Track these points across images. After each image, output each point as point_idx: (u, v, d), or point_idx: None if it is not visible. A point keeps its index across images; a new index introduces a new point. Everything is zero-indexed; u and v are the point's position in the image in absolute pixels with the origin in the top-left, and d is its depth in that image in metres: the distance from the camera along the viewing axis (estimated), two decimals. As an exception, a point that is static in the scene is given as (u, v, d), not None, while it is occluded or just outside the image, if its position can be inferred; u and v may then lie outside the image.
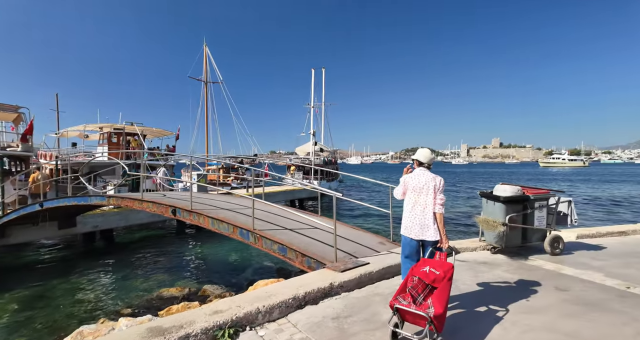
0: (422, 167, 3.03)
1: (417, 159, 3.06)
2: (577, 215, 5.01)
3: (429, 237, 2.86)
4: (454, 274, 3.69)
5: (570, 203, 4.96)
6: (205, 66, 27.02)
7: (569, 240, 5.66)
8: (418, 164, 3.06)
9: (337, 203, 4.17)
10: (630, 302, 3.11)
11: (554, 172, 72.48)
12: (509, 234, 4.63)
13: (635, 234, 6.22)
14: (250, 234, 4.43)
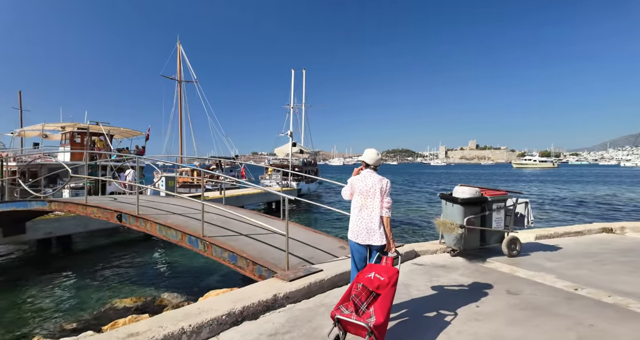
0: (369, 169, 2.88)
1: (363, 161, 2.91)
2: (534, 216, 5.06)
3: (375, 241, 2.72)
4: (407, 279, 3.58)
5: (527, 204, 5.00)
6: (179, 65, 26.17)
7: (528, 241, 5.73)
8: (365, 165, 2.91)
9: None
10: (576, 305, 3.09)
11: (527, 173, 75.63)
12: (467, 237, 4.59)
13: (591, 233, 6.40)
14: (199, 241, 4.15)
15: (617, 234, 6.47)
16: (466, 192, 4.71)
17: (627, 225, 6.70)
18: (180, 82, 26.61)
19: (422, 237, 11.87)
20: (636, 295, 3.30)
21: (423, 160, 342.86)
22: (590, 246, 5.37)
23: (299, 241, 4.73)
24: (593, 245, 5.45)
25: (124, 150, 20.49)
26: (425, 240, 8.94)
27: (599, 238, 6.04)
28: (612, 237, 6.10)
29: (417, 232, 12.95)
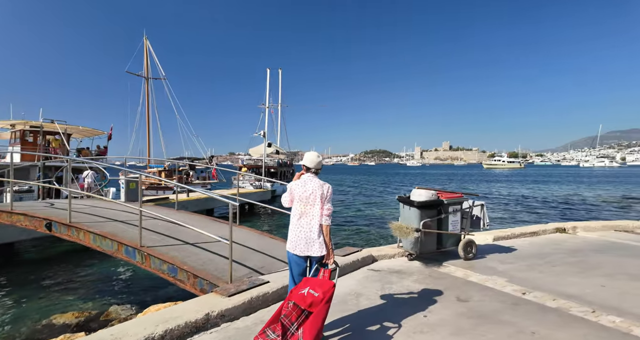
0: (309, 174, 2.67)
1: (304, 164, 2.70)
2: (489, 218, 5.09)
3: (314, 252, 2.51)
4: (359, 287, 3.41)
5: (483, 207, 5.02)
6: (146, 61, 24.98)
7: (486, 243, 5.79)
8: (305, 169, 2.70)
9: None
10: (521, 311, 3.05)
11: (496, 173, 79.04)
12: (423, 240, 4.52)
13: (546, 233, 6.59)
14: (136, 252, 3.79)
15: (569, 233, 6.70)
16: (423, 195, 4.64)
17: (579, 225, 6.97)
18: (147, 79, 25.46)
19: (388, 241, 11.92)
20: (578, 298, 3.32)
21: (400, 160, 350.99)
22: (543, 247, 5.48)
23: (252, 249, 4.47)
24: (546, 245, 5.58)
25: (84, 150, 19.25)
26: (390, 243, 8.93)
27: (552, 238, 6.21)
28: (564, 237, 6.30)
29: (384, 235, 13.01)
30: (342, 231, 13.15)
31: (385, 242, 9.95)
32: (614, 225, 7.11)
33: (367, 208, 20.30)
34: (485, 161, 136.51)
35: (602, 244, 5.71)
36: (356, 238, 11.97)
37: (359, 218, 16.73)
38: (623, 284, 3.77)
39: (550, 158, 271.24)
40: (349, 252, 4.49)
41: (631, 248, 5.45)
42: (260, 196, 20.08)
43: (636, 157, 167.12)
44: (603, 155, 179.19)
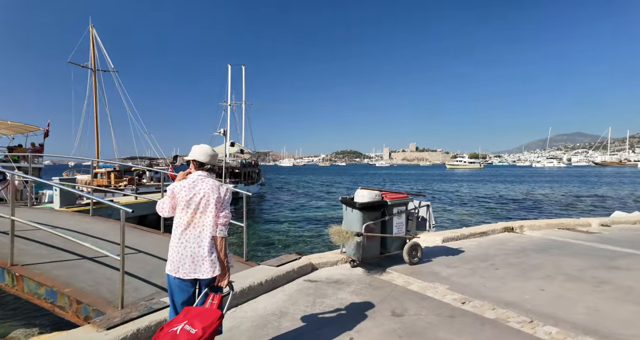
0: (201, 172, 2.12)
1: (193, 160, 2.13)
2: (435, 220, 4.87)
3: (204, 273, 1.98)
4: (286, 304, 2.94)
5: (429, 207, 4.79)
6: (93, 51, 22.95)
7: (434, 245, 5.60)
8: (196, 166, 2.13)
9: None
10: (457, 325, 2.76)
11: (458, 173, 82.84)
12: (366, 245, 4.18)
13: (494, 233, 6.57)
14: (5, 273, 3.03)
15: (516, 233, 6.74)
16: (365, 195, 4.29)
17: (525, 224, 7.06)
18: (94, 71, 23.39)
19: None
20: (517, 306, 3.11)
21: (369, 161, 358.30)
22: (489, 248, 5.38)
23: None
24: (492, 246, 5.49)
25: (16, 148, 17.20)
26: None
27: (500, 238, 6.18)
28: (511, 237, 6.30)
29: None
30: (299, 236, 12.67)
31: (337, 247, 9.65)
32: (557, 224, 7.30)
33: (330, 209, 20.01)
34: (448, 162, 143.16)
35: (544, 243, 5.74)
36: (310, 243, 11.54)
37: (318, 221, 16.38)
38: (559, 286, 3.66)
39: (507, 159, 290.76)
40: (285, 260, 4.03)
41: (569, 246, 5.51)
42: (219, 198, 19.12)
43: (579, 158, 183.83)
44: (552, 156, 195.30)
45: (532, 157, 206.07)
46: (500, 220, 14.66)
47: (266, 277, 3.40)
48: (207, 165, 2.14)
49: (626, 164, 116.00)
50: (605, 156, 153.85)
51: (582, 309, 3.05)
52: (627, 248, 5.39)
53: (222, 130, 19.19)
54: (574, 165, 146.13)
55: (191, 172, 2.14)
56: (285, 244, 10.64)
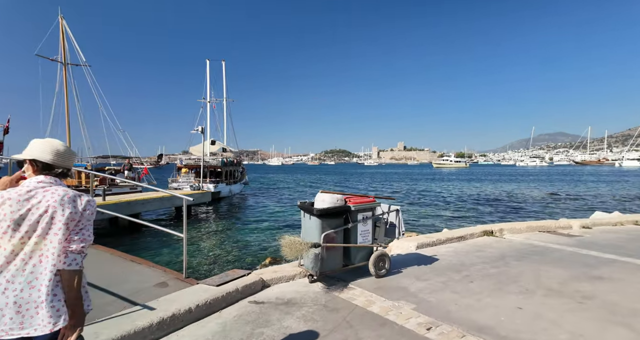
0: (44, 177, 1.48)
1: (32, 160, 1.49)
2: (405, 225, 4.40)
3: (38, 327, 1.33)
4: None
5: (399, 212, 4.31)
6: (63, 43, 21.66)
7: (407, 252, 5.14)
8: (36, 168, 1.49)
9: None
10: (417, 362, 2.27)
11: (445, 172, 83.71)
12: (326, 257, 3.66)
13: (473, 237, 6.18)
14: None
15: (496, 236, 6.37)
16: (326, 200, 3.78)
17: (505, 226, 6.70)
18: (64, 65, 22.11)
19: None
20: (491, 331, 2.66)
21: (358, 160, 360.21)
22: (466, 255, 4.96)
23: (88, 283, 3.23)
24: (470, 253, 5.07)
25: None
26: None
27: (479, 243, 5.78)
28: (490, 241, 5.91)
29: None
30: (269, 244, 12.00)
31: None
32: (538, 226, 6.98)
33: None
34: (435, 161, 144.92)
35: (524, 249, 5.36)
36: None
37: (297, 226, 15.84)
38: (539, 302, 3.24)
39: (492, 158, 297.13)
40: (229, 278, 3.46)
41: (550, 252, 5.15)
42: (197, 198, 18.27)
43: (561, 157, 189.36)
44: (535, 155, 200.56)
45: (516, 156, 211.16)
46: (482, 221, 14.50)
47: (198, 301, 2.84)
48: (57, 169, 1.54)
49: (604, 163, 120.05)
50: (585, 155, 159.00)
51: (565, 335, 2.61)
52: (609, 253, 5.07)
53: (200, 128, 18.38)
54: (555, 164, 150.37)
55: (25, 176, 1.53)
56: (252, 253, 9.86)
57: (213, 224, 14.92)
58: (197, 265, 8.50)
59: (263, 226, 14.18)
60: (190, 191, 18.72)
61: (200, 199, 18.76)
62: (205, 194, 19.18)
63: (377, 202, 4.08)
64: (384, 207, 4.31)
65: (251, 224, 14.86)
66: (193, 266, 8.34)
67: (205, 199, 19.25)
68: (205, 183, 23.45)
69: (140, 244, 10.65)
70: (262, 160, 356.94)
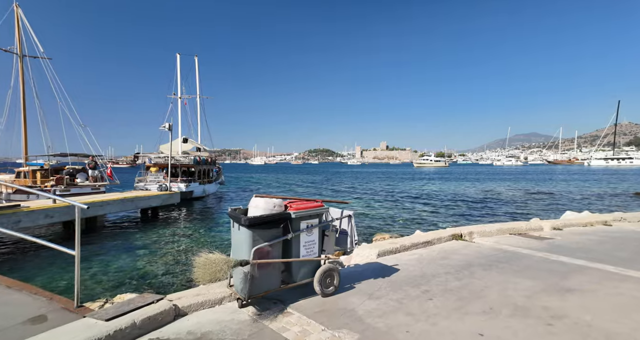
0: None
1: None
2: (358, 235, 3.86)
3: None
4: None
5: (351, 218, 3.76)
6: (18, 34, 19.95)
7: (368, 261, 4.61)
8: None
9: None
10: None
11: (425, 171, 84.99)
12: (258, 276, 3.05)
13: (441, 242, 5.75)
14: None
15: (465, 240, 5.97)
16: (260, 206, 3.17)
17: (475, 229, 6.32)
18: (21, 57, 20.37)
19: None
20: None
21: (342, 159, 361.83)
22: (430, 264, 4.48)
23: None
24: (434, 261, 4.60)
25: None
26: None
27: (446, 249, 5.34)
28: (458, 247, 5.49)
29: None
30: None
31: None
32: (509, 228, 6.65)
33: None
34: (416, 160, 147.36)
35: (493, 255, 4.96)
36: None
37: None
38: (503, 325, 2.76)
39: (470, 157, 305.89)
40: (127, 308, 2.73)
41: (520, 259, 4.76)
42: (164, 200, 17.20)
43: (535, 156, 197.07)
44: (511, 155, 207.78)
45: (493, 156, 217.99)
46: (456, 221, 14.34)
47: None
48: None
49: (574, 162, 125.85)
50: (557, 155, 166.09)
51: (529, 375, 2.12)
52: (580, 259, 4.73)
53: (167, 125, 17.25)
54: (530, 163, 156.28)
55: None
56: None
57: (177, 228, 13.96)
58: (119, 285, 6.99)
59: (217, 236, 13.40)
60: (157, 192, 17.61)
61: (168, 200, 17.69)
62: (173, 195, 18.11)
63: (325, 208, 3.50)
64: (334, 213, 3.74)
65: (218, 227, 14.03)
66: (109, 287, 6.81)
67: (174, 200, 18.18)
68: (176, 183, 22.32)
69: (42, 262, 8.60)
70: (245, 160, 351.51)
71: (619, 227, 7.50)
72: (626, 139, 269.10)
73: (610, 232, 6.89)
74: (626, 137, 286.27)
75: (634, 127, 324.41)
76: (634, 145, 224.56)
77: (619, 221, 8.23)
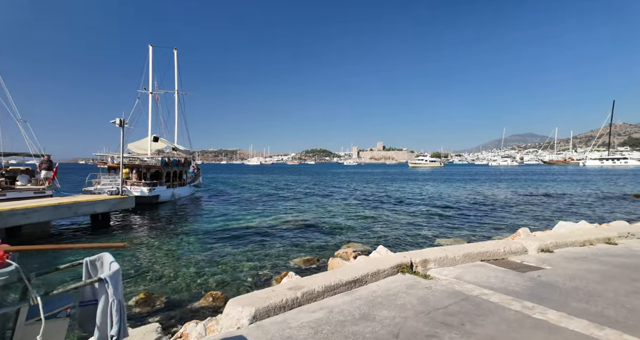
0: None
1: None
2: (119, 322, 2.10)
3: None
4: None
5: (108, 285, 1.96)
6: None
7: (231, 334, 2.84)
8: None
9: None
10: None
11: (419, 171, 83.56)
12: None
13: (378, 279, 3.98)
14: None
15: (416, 273, 4.23)
16: None
17: (433, 256, 4.57)
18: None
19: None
20: None
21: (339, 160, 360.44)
22: (333, 335, 2.71)
23: None
24: (344, 327, 2.82)
25: None
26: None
27: (379, 292, 3.59)
28: (400, 287, 3.73)
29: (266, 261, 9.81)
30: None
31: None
32: (480, 253, 4.92)
33: (263, 217, 17.03)
34: (411, 160, 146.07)
35: (446, 308, 3.21)
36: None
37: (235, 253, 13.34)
38: None
39: (466, 158, 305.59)
40: None
41: (484, 316, 3.01)
42: (113, 205, 15.34)
43: (531, 157, 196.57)
44: (507, 155, 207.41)
45: (489, 156, 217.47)
46: (434, 234, 12.62)
47: None
48: None
49: (570, 162, 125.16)
50: (552, 155, 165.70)
51: None
52: (578, 316, 2.99)
53: (118, 120, 15.39)
54: (525, 163, 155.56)
55: None
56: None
57: (125, 238, 12.07)
58: None
59: (191, 240, 11.55)
60: (104, 196, 15.73)
61: (119, 206, 15.83)
62: (126, 200, 16.23)
63: (14, 268, 1.67)
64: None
65: (176, 238, 12.16)
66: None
67: (127, 205, 16.31)
68: (139, 186, 20.43)
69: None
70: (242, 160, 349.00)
71: (626, 247, 5.80)
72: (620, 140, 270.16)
73: (616, 256, 5.19)
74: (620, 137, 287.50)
75: (629, 128, 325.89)
76: (628, 145, 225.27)
77: (625, 237, 6.53)
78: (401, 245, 10.55)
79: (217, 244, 10.90)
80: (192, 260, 8.96)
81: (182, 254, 9.69)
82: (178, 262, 8.90)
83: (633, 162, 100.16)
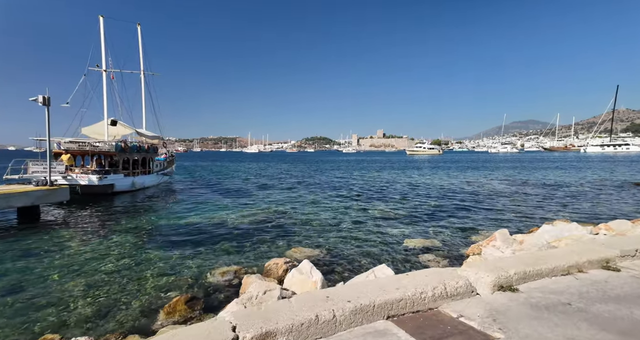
0: None
1: None
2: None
3: None
4: None
5: None
6: None
7: None
8: None
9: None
10: None
11: (416, 159, 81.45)
12: None
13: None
14: None
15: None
16: None
17: (280, 324, 2.51)
18: None
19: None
20: None
21: (339, 147, 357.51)
22: None
23: None
24: None
25: None
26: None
27: None
28: None
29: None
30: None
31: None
32: (389, 303, 2.83)
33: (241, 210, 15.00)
34: (409, 148, 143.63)
35: None
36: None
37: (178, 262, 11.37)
38: None
39: (467, 145, 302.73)
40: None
41: None
42: (38, 198, 13.30)
43: (531, 144, 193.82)
44: (508, 142, 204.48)
45: (489, 143, 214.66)
46: (402, 226, 10.61)
47: None
48: None
49: (571, 149, 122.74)
50: (553, 142, 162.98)
51: None
52: None
53: (40, 97, 13.19)
54: (526, 150, 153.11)
55: None
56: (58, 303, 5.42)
57: (54, 237, 9.99)
58: None
59: (129, 241, 9.48)
60: (28, 187, 13.69)
61: (47, 198, 13.80)
62: (57, 191, 14.17)
63: None
64: None
65: (117, 235, 10.14)
66: None
67: (59, 197, 14.26)
68: (87, 173, 18.32)
69: None
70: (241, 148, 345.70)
71: (635, 278, 3.76)
72: (623, 126, 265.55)
73: (620, 300, 3.16)
74: (623, 123, 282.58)
75: (631, 114, 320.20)
76: (630, 131, 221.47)
77: (632, 257, 4.46)
78: (350, 251, 8.55)
79: (147, 247, 8.91)
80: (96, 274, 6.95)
81: (102, 264, 7.69)
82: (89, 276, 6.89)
83: (635, 148, 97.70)
